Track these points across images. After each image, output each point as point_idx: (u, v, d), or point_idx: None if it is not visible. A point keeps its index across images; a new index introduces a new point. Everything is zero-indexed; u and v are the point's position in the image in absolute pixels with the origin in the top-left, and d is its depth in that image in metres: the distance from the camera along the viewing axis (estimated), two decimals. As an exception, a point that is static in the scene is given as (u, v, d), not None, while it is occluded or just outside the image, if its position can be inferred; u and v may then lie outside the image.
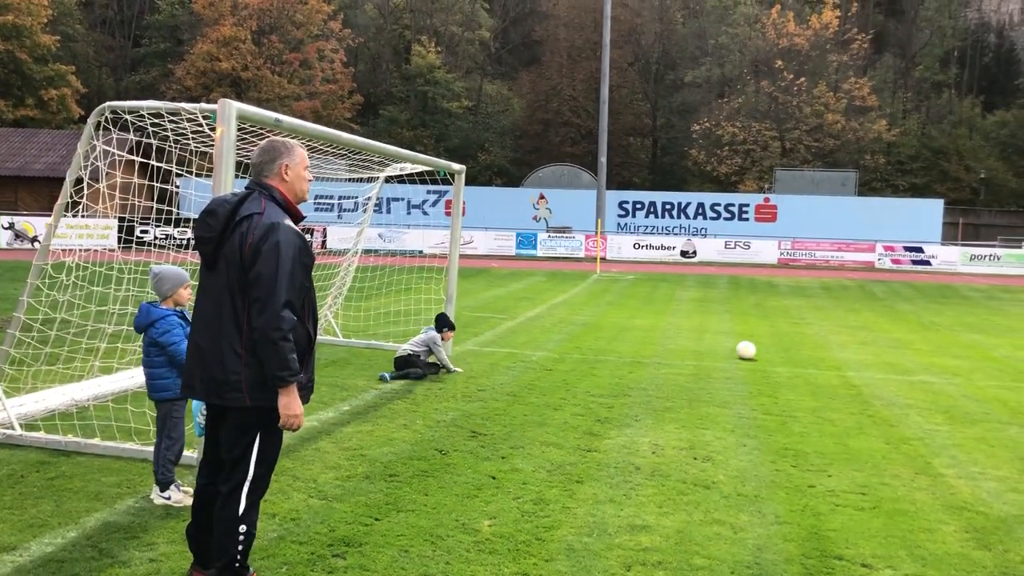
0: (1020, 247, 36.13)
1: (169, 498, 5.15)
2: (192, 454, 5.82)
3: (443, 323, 10.03)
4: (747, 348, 11.73)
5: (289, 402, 3.60)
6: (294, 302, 3.61)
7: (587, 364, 10.64)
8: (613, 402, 8.45)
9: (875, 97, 47.53)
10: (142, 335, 5.31)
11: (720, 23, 52.19)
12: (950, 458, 6.75)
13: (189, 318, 5.20)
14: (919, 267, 35.09)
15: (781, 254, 36.57)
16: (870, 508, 5.49)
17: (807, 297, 21.62)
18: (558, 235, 38.49)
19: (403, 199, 40.71)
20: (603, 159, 37.33)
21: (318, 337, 12.13)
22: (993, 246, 36.68)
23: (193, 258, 5.83)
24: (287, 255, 3.58)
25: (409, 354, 9.62)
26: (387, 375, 9.38)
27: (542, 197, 42.23)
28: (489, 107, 58.30)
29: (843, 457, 6.67)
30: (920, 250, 35.90)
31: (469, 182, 11.67)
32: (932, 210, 38.89)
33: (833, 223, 37.83)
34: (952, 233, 40.74)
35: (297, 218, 3.84)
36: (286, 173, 3.84)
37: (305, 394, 3.72)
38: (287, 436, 3.94)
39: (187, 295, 5.38)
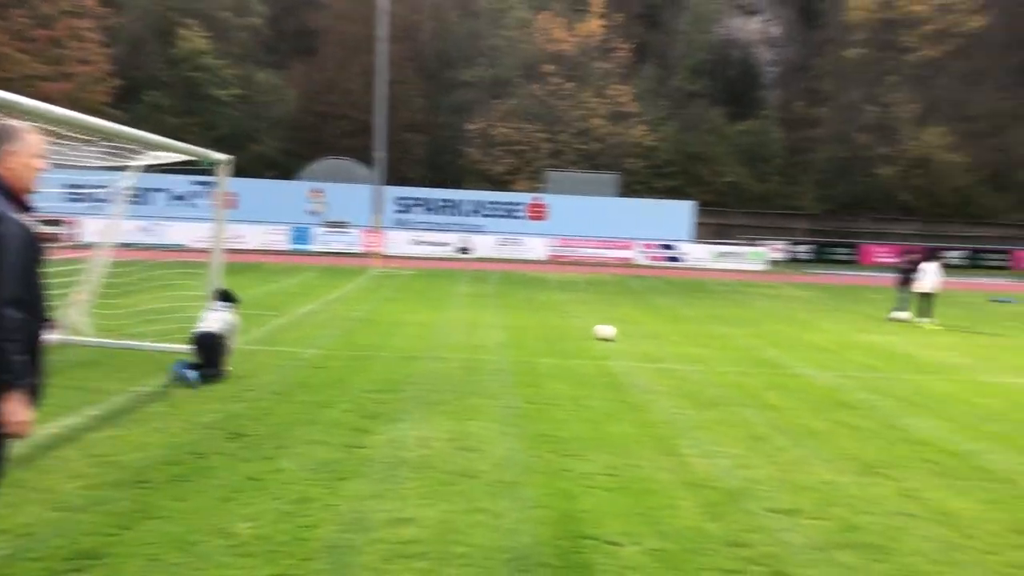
0: (758, 245, 39.92)
1: None
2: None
3: (233, 299, 9.49)
4: (605, 330, 13.05)
5: (12, 408, 3.33)
6: (22, 298, 3.34)
7: (360, 360, 10.58)
8: (384, 397, 8.46)
9: (636, 104, 50.57)
10: None
11: (494, 25, 53.47)
12: (692, 439, 7.36)
13: None
14: (672, 264, 37.80)
15: (551, 251, 38.09)
16: (619, 488, 5.88)
17: (574, 292, 22.68)
18: (334, 230, 37.86)
19: (166, 190, 38.42)
20: (380, 154, 37.16)
21: (66, 338, 11.24)
22: (737, 244, 40.24)
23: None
24: (12, 248, 3.31)
25: (217, 333, 8.98)
26: (188, 373, 8.64)
27: (317, 191, 41.39)
28: (261, 96, 56.22)
29: (597, 441, 7.09)
30: (673, 247, 38.70)
31: (239, 173, 11.22)
32: (684, 211, 41.97)
33: (598, 222, 39.90)
34: (703, 232, 44.15)
35: (25, 208, 3.55)
36: (7, 160, 3.54)
37: (34, 399, 3.45)
38: (23, 445, 3.63)
39: None
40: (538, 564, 4.53)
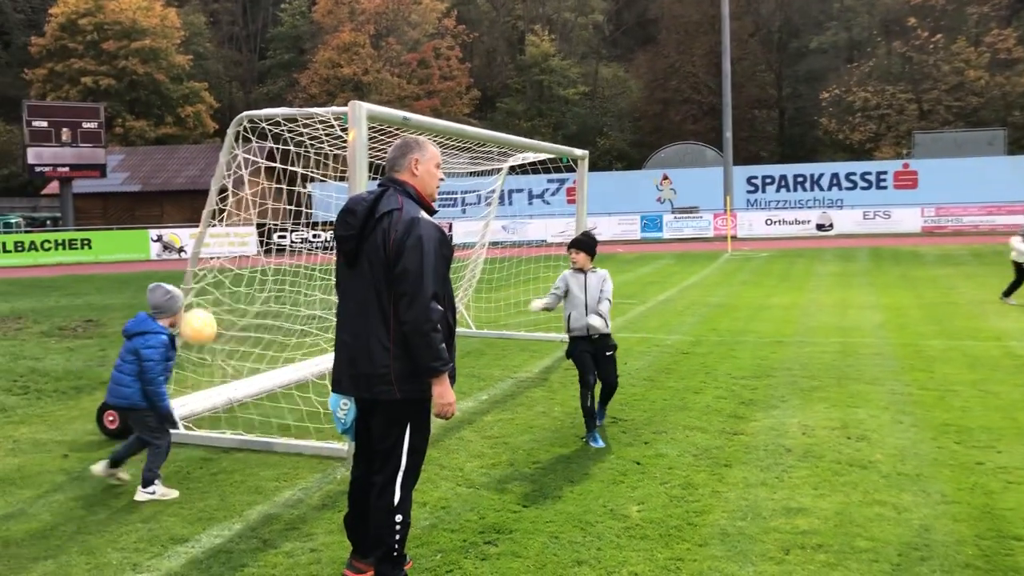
0: None
1: (154, 492, 5.36)
2: (344, 446, 6.03)
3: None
4: None
5: (443, 391, 3.65)
6: (439, 293, 3.66)
7: (725, 346, 10.37)
8: (756, 383, 8.20)
9: (1022, 48, 44.35)
10: (127, 339, 5.44)
11: (845, -16, 49.89)
12: None
13: (175, 344, 5.53)
14: (1081, 227, 32.51)
15: (925, 222, 34.68)
16: (1049, 486, 5.11)
17: (956, 265, 20.42)
18: (684, 216, 37.79)
19: (524, 190, 40.88)
20: (728, 134, 36.41)
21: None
22: None
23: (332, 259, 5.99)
24: (430, 248, 3.63)
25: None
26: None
27: (665, 178, 41.54)
28: (606, 91, 57.82)
29: (1012, 432, 6.24)
30: (1081, 208, 33.30)
31: (589, 168, 11.55)
32: (1097, 164, 35.96)
33: (981, 185, 35.55)
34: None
35: (431, 212, 3.88)
36: (416, 168, 3.89)
37: (452, 383, 3.77)
38: (432, 427, 3.99)
39: (178, 320, 5.64)
40: (960, 565, 4.05)
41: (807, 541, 4.37)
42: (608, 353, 6.60)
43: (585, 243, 6.84)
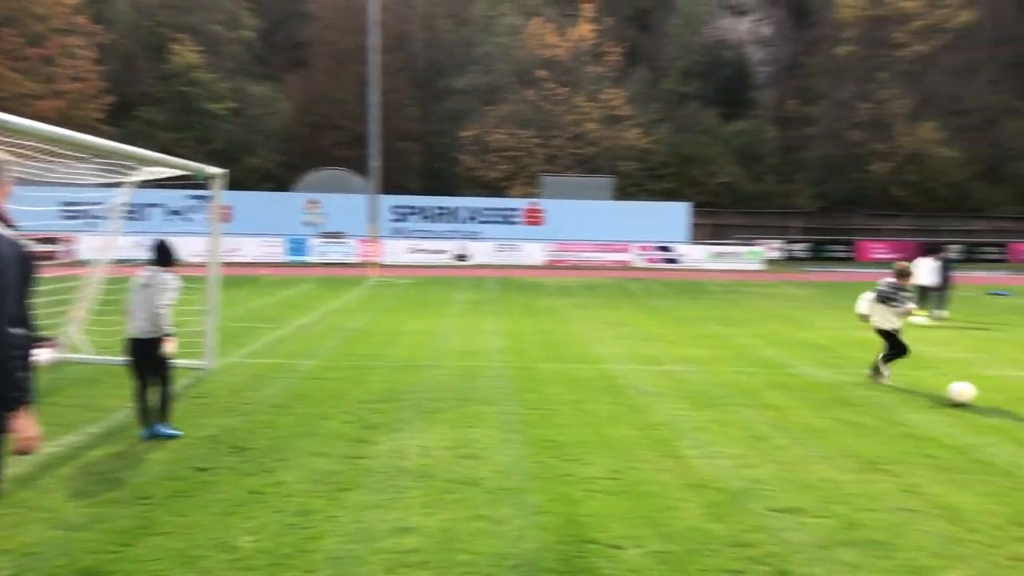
0: (754, 245, 39.96)
1: None
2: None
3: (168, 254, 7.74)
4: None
5: (27, 424, 3.33)
6: (17, 317, 3.34)
7: (359, 371, 10.56)
8: (384, 407, 8.45)
9: (629, 107, 50.64)
10: None
11: (486, 32, 53.55)
12: (692, 440, 7.35)
13: None
14: (669, 265, 37.81)
15: (548, 256, 38.11)
16: (620, 492, 5.87)
17: (572, 296, 22.67)
18: (331, 240, 37.86)
19: (161, 205, 38.40)
20: (375, 163, 37.16)
21: (64, 355, 11.23)
22: (734, 244, 40.27)
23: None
24: (8, 267, 3.31)
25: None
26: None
27: (313, 202, 41.37)
28: (255, 109, 56.27)
29: (599, 445, 7.08)
30: (669, 249, 38.72)
31: (235, 186, 11.24)
32: (679, 212, 41.99)
33: (594, 226, 39.92)
34: (700, 233, 44.18)
35: (8, 224, 3.55)
36: (6, 189, 3.57)
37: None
38: (23, 464, 3.63)
39: None
40: (542, 570, 4.52)
41: (412, 559, 4.61)
42: (159, 352, 7.25)
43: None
